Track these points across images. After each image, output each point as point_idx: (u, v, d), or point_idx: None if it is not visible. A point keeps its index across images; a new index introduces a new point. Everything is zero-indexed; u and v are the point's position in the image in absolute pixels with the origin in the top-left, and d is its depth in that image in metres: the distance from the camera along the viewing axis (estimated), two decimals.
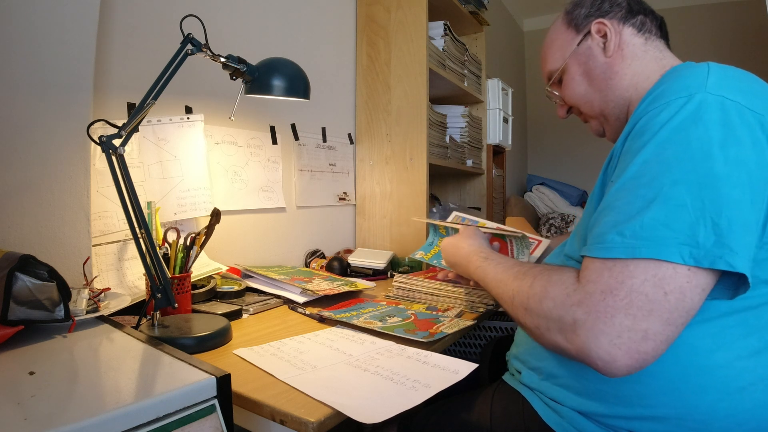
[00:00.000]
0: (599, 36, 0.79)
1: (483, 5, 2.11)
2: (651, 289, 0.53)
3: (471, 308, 1.07)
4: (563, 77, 0.85)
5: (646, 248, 0.54)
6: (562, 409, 0.69)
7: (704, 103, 0.57)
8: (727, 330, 0.59)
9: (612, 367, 0.54)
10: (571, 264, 0.73)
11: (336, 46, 1.70)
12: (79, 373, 0.55)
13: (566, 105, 0.89)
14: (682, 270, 0.53)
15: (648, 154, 0.58)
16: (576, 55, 0.81)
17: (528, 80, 4.05)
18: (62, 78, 0.84)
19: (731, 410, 0.58)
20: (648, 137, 0.59)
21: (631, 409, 0.62)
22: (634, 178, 0.58)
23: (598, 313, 0.54)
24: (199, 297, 1.03)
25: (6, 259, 0.63)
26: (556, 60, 0.85)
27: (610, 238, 0.57)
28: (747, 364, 0.58)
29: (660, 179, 0.56)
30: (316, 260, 1.52)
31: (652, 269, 0.53)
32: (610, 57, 0.78)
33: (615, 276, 0.55)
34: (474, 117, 2.18)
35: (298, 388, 0.64)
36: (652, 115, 0.60)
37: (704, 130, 0.56)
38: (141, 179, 1.06)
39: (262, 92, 0.93)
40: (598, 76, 0.79)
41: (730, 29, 3.23)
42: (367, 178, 1.75)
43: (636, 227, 0.55)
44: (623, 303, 0.53)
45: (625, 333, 0.53)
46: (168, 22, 1.11)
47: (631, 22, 0.78)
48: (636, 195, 0.57)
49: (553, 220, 3.12)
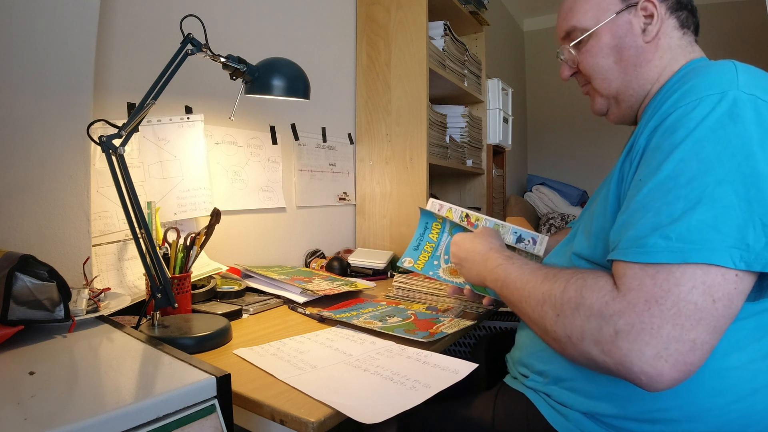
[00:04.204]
0: (644, 15, 0.73)
1: (483, 5, 2.11)
2: (700, 297, 0.50)
3: (471, 308, 1.07)
4: (588, 41, 0.76)
5: (696, 252, 0.50)
6: (568, 412, 0.68)
7: (739, 101, 0.55)
8: (741, 332, 0.57)
9: (656, 382, 0.51)
10: (581, 263, 0.71)
11: (336, 46, 1.70)
12: (79, 373, 0.55)
13: (574, 69, 0.81)
14: (730, 275, 0.50)
15: (685, 152, 0.55)
16: (613, 24, 0.73)
17: (528, 80, 4.05)
18: (62, 78, 0.84)
19: (744, 412, 0.57)
20: (683, 134, 0.56)
21: (642, 411, 0.61)
22: (671, 177, 0.55)
23: (644, 324, 0.51)
24: (199, 297, 1.03)
25: (6, 259, 0.63)
26: (588, 18, 0.75)
27: (653, 242, 0.53)
28: (760, 366, 0.58)
29: (702, 179, 0.53)
30: (316, 260, 1.52)
31: (700, 276, 0.50)
32: (648, 42, 0.72)
33: (659, 284, 0.52)
34: (474, 117, 2.18)
35: (298, 388, 0.64)
36: (685, 111, 0.57)
37: (743, 127, 0.54)
38: (141, 179, 1.06)
39: (262, 92, 0.93)
40: (629, 58, 0.73)
41: (730, 29, 3.23)
42: (367, 178, 1.75)
43: (682, 230, 0.52)
44: (671, 313, 0.50)
45: (672, 344, 0.50)
46: (168, 22, 1.11)
47: (677, 14, 0.73)
48: (677, 195, 0.54)
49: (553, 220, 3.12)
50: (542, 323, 0.63)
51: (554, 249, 0.86)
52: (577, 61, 0.79)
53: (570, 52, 0.79)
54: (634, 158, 0.63)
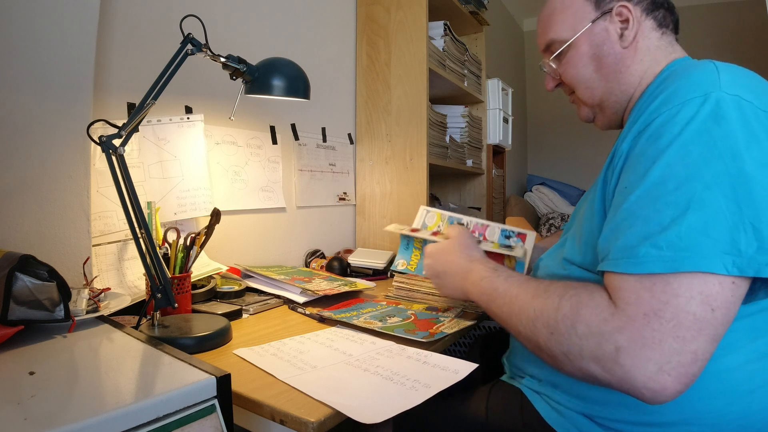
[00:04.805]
0: (619, 20, 0.72)
1: (483, 5, 2.11)
2: (698, 307, 0.49)
3: (471, 308, 1.07)
4: (568, 52, 0.76)
5: (688, 260, 0.50)
6: (564, 409, 0.68)
7: (722, 102, 0.54)
8: (735, 334, 0.57)
9: (660, 396, 0.50)
10: (572, 270, 0.70)
11: (336, 46, 1.70)
12: (79, 373, 0.55)
13: (557, 80, 0.81)
14: (726, 282, 0.50)
15: (671, 157, 0.54)
16: (590, 33, 0.74)
17: (528, 80, 4.05)
18: (62, 78, 0.84)
19: (741, 413, 0.57)
20: (668, 139, 0.55)
21: (638, 415, 0.61)
22: (659, 183, 0.54)
23: (645, 339, 0.50)
24: (199, 297, 1.03)
25: (6, 259, 0.63)
26: (565, 30, 0.76)
27: (644, 252, 0.52)
28: (756, 367, 0.58)
29: (690, 184, 0.52)
30: (316, 260, 1.52)
31: (697, 285, 0.50)
32: (626, 48, 0.72)
33: (657, 296, 0.51)
34: (474, 117, 2.18)
35: (298, 388, 0.64)
36: (669, 116, 0.57)
37: (728, 129, 0.53)
38: (141, 179, 1.06)
39: (262, 92, 0.93)
40: (609, 65, 0.73)
41: (730, 29, 3.23)
42: (367, 178, 1.75)
43: (672, 238, 0.51)
44: (671, 325, 0.49)
45: (674, 357, 0.49)
46: (168, 22, 1.11)
47: (653, 15, 0.73)
48: (665, 202, 0.53)
49: (553, 220, 3.12)
50: (535, 340, 0.61)
51: (548, 251, 0.85)
52: (559, 72, 0.79)
53: (551, 65, 0.80)
54: (616, 164, 0.62)
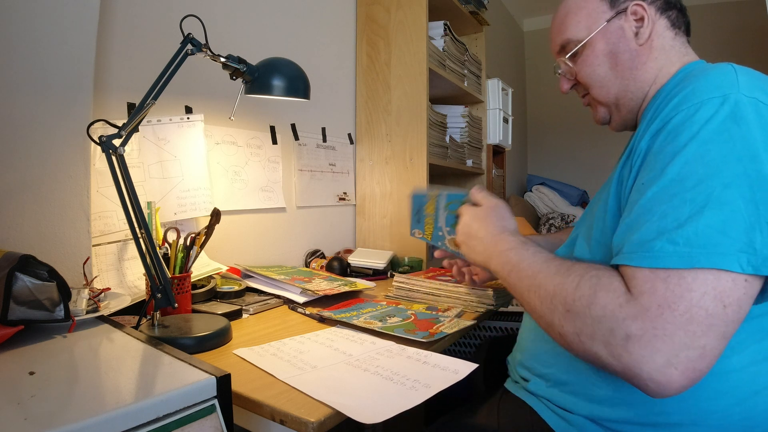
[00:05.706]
0: (634, 19, 0.73)
1: (483, 5, 2.11)
2: (711, 302, 0.50)
3: (471, 308, 1.07)
4: (583, 52, 0.77)
5: (704, 257, 0.50)
6: (571, 417, 0.68)
7: (741, 104, 0.55)
8: (741, 335, 0.56)
9: (665, 389, 0.50)
10: None
11: (336, 46, 1.70)
12: (79, 373, 0.55)
13: (572, 81, 0.82)
14: (740, 280, 0.50)
15: (690, 155, 0.54)
16: (606, 32, 0.75)
17: (528, 80, 4.05)
18: (62, 78, 0.84)
19: (745, 414, 0.57)
20: (687, 137, 0.55)
21: (644, 415, 0.61)
22: (676, 180, 0.54)
23: (656, 329, 0.50)
24: (199, 297, 1.03)
25: (6, 259, 0.63)
26: (580, 30, 0.77)
27: (660, 246, 0.53)
28: (761, 368, 0.58)
29: (708, 182, 0.52)
30: (316, 260, 1.52)
31: (711, 281, 0.50)
32: (641, 45, 0.73)
33: (672, 288, 0.51)
34: (474, 117, 2.18)
35: (298, 388, 0.64)
36: (687, 114, 0.57)
37: (747, 130, 0.53)
38: (141, 179, 1.06)
39: (262, 92, 0.93)
40: (624, 63, 0.74)
41: (731, 29, 3.23)
42: (367, 178, 1.75)
43: (690, 234, 0.51)
44: (683, 319, 0.50)
45: (683, 351, 0.49)
46: (168, 22, 1.11)
47: (667, 14, 0.74)
48: (683, 199, 0.53)
49: (553, 220, 3.12)
50: (549, 316, 0.61)
51: (557, 251, 0.85)
52: (574, 72, 0.80)
53: (566, 64, 0.80)
54: (634, 162, 0.62)
